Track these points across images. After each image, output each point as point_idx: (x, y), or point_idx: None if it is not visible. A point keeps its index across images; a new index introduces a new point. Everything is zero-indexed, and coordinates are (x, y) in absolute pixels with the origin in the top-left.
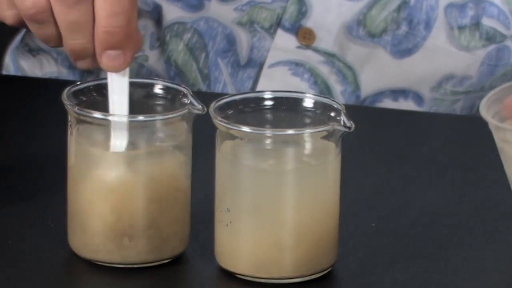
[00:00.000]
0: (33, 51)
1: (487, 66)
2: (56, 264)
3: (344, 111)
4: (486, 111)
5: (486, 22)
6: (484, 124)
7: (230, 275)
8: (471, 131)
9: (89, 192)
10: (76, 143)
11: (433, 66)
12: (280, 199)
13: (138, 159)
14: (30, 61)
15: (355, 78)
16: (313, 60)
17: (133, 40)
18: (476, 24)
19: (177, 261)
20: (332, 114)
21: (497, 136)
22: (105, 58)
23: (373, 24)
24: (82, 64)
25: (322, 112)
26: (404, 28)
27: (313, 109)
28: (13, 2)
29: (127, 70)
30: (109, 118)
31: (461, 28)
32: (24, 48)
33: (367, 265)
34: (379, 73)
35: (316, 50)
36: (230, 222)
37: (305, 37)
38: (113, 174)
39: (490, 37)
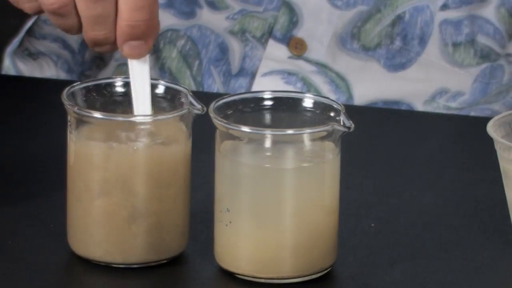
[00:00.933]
0: (33, 55)
1: (480, 84)
2: (56, 264)
3: (344, 111)
4: (493, 132)
5: (482, 39)
6: (483, 124)
7: (230, 275)
8: (470, 131)
9: (89, 191)
10: (75, 143)
11: (426, 80)
12: (279, 199)
13: (138, 159)
14: (30, 64)
15: (348, 88)
16: (306, 70)
17: (155, 30)
18: (471, 41)
19: (177, 261)
20: (332, 114)
21: (504, 157)
22: (127, 48)
23: (368, 38)
24: (100, 49)
25: (322, 112)
26: (398, 43)
27: (312, 109)
28: None
29: (148, 56)
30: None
31: (455, 45)
32: (24, 52)
33: (367, 265)
34: (372, 84)
35: (307, 60)
36: (230, 222)
37: (297, 47)
38: (112, 174)
39: (485, 55)
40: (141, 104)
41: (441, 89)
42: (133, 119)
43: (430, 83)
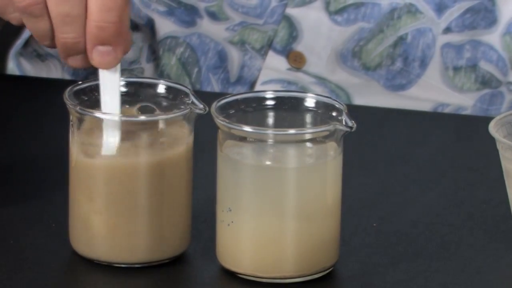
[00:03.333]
0: (42, 57)
1: (479, 108)
2: (57, 263)
3: (346, 110)
4: (495, 132)
5: (484, 66)
6: (483, 124)
7: (231, 275)
8: (471, 131)
9: (91, 191)
10: (78, 143)
11: (426, 100)
12: (281, 198)
13: (139, 159)
14: (38, 66)
15: (348, 97)
16: (305, 81)
17: (124, 38)
18: (473, 67)
19: (178, 261)
20: (334, 113)
21: (505, 157)
22: (96, 54)
23: (369, 57)
24: (73, 62)
25: (324, 111)
26: (398, 64)
27: (314, 109)
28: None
29: (118, 67)
30: (105, 117)
31: (456, 69)
32: (32, 53)
33: (368, 265)
34: (372, 96)
35: (306, 73)
36: (232, 221)
37: (296, 60)
38: (114, 174)
39: (486, 81)
40: (109, 112)
41: (443, 103)
42: (135, 118)
43: (430, 99)
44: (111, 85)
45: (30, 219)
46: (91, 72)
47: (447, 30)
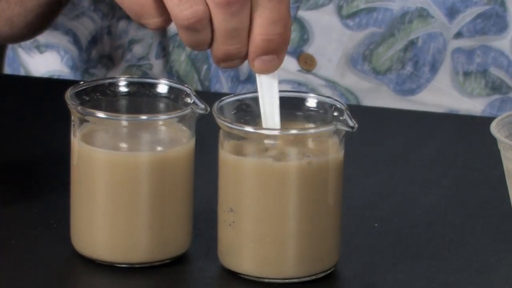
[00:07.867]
0: (41, 47)
1: (489, 114)
2: (58, 263)
3: (347, 111)
4: (497, 132)
5: (494, 71)
6: (484, 124)
7: (233, 275)
8: (472, 131)
9: (92, 191)
10: (79, 143)
11: (436, 106)
12: (283, 199)
13: (141, 159)
14: (36, 57)
15: (358, 101)
16: (315, 83)
17: (287, 44)
18: (483, 72)
19: (180, 260)
20: (335, 114)
21: (507, 157)
22: (259, 63)
23: (379, 61)
24: (226, 65)
25: (325, 111)
26: (409, 68)
27: (316, 109)
28: (163, 10)
29: (276, 72)
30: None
31: (466, 74)
32: (32, 43)
33: (370, 265)
34: (381, 101)
35: (317, 75)
36: (233, 221)
37: (306, 62)
38: (116, 174)
39: (496, 87)
40: (270, 120)
41: (453, 109)
42: (136, 118)
43: (440, 105)
44: (270, 89)
45: (31, 219)
46: (93, 66)
47: (458, 35)
